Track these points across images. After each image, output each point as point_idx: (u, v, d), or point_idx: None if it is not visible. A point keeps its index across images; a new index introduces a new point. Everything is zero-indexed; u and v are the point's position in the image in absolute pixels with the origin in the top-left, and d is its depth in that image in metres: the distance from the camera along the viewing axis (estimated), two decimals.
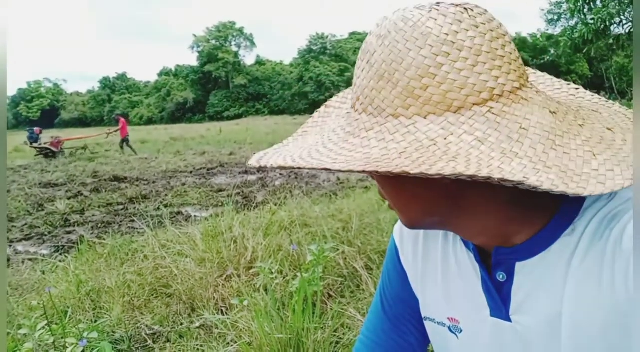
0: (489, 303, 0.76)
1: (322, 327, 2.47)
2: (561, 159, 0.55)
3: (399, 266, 0.94)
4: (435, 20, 0.58)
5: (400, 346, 0.95)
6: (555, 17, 37.78)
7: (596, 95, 0.71)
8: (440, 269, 0.85)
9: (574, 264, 0.67)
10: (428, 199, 0.66)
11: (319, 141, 0.67)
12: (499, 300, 0.74)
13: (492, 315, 0.76)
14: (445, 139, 0.55)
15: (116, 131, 21.43)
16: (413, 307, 0.92)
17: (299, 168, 0.59)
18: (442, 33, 0.57)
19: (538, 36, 70.35)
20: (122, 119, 20.64)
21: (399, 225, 0.96)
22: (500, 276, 0.74)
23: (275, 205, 5.64)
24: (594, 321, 0.65)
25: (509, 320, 0.73)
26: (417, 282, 0.90)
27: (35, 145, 19.33)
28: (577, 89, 0.73)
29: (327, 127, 0.72)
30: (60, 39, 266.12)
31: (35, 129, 21.14)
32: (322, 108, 0.80)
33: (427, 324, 0.90)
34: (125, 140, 20.09)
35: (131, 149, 19.62)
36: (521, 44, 68.51)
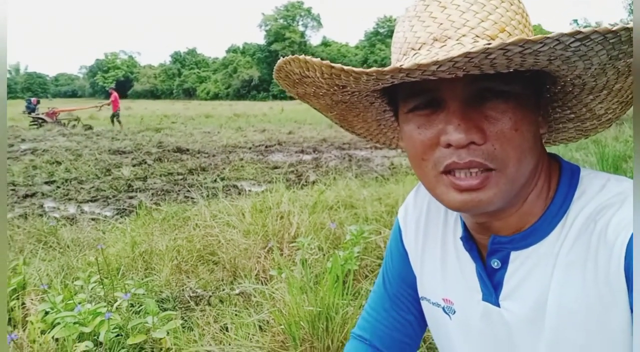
0: (482, 288, 0.79)
1: (353, 304, 2.53)
2: None
3: (402, 246, 0.98)
4: None
5: (399, 323, 0.99)
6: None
7: None
8: (439, 251, 0.88)
9: (561, 254, 0.69)
10: (537, 137, 0.70)
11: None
12: (491, 286, 0.77)
13: (483, 299, 0.79)
14: None
15: (108, 104, 21.62)
16: (413, 286, 0.96)
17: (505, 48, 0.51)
18: None
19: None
20: (115, 93, 20.83)
21: (403, 207, 0.99)
22: (495, 263, 0.76)
23: (325, 185, 5.72)
24: (576, 310, 0.67)
25: (498, 305, 0.76)
26: (416, 263, 0.94)
27: (33, 115, 20.17)
28: None
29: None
30: (137, 12, 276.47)
31: (32, 99, 22.06)
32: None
33: (423, 304, 0.94)
34: (115, 115, 20.29)
35: (119, 124, 19.81)
36: None
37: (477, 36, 0.62)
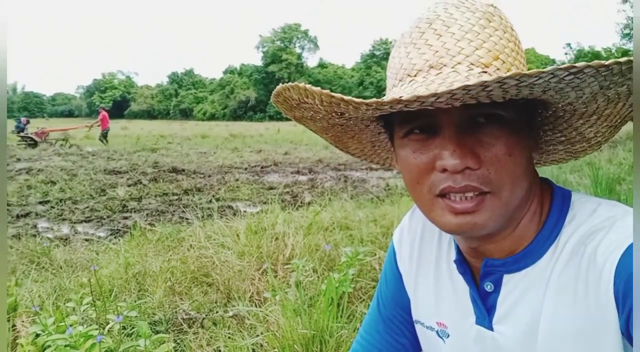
0: (475, 311, 0.79)
1: (347, 327, 2.51)
2: None
3: (396, 269, 0.98)
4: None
5: (393, 347, 0.98)
6: (632, 32, 36.29)
7: None
8: (433, 274, 0.88)
9: (552, 278, 0.70)
10: (530, 161, 0.71)
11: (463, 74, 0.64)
12: (484, 309, 0.77)
13: (477, 323, 0.79)
14: None
15: (97, 124, 21.69)
16: (407, 309, 0.96)
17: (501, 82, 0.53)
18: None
19: (613, 51, 67.46)
20: (104, 112, 20.87)
21: (399, 230, 1.00)
22: (488, 287, 0.77)
23: (320, 206, 5.72)
24: (567, 332, 0.67)
25: (491, 329, 0.77)
26: (410, 286, 0.94)
27: (22, 134, 20.16)
28: None
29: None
30: (135, 32, 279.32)
31: (22, 119, 22.00)
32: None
33: (417, 327, 0.93)
34: (104, 134, 20.33)
35: (104, 142, 19.84)
36: (594, 58, 66.01)
37: (472, 64, 0.64)
